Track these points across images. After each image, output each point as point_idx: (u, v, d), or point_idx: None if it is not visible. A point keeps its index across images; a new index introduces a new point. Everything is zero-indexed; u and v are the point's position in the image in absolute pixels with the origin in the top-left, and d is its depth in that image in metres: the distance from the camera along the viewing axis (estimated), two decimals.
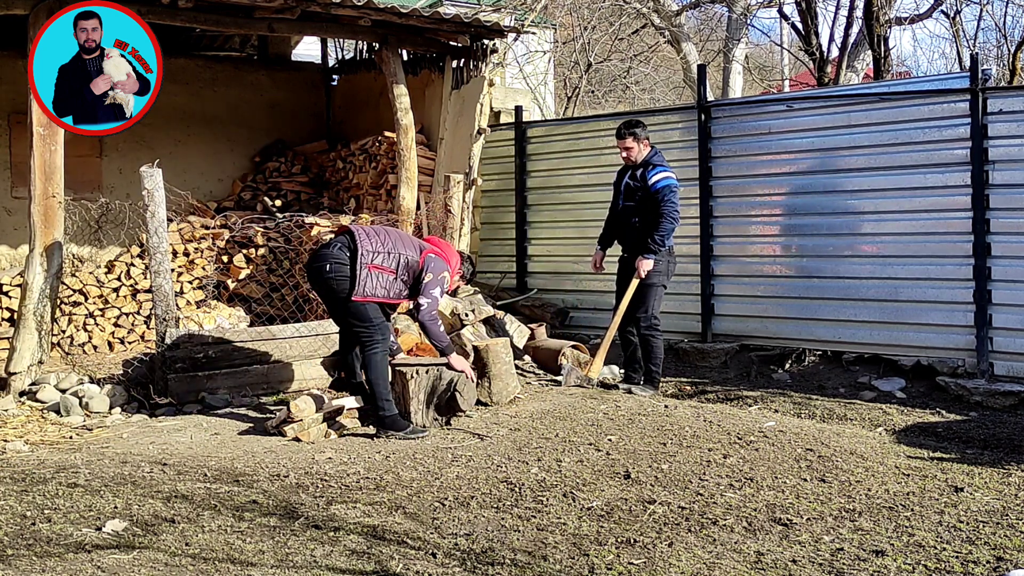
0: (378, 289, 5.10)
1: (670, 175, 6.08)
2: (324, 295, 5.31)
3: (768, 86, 16.95)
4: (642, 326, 6.18)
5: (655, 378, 6.24)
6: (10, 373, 5.95)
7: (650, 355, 6.22)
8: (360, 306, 5.09)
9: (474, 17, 7.71)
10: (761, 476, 4.24)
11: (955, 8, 10.32)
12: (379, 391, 5.08)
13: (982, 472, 4.38)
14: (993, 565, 3.25)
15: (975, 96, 6.09)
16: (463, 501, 3.93)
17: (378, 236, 5.20)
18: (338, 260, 5.08)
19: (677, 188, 6.09)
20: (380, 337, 5.13)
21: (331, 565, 3.22)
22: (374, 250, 5.11)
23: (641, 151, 6.18)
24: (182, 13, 6.68)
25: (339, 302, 5.15)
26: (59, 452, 4.76)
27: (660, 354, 6.25)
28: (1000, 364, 6.06)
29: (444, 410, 5.30)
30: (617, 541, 3.47)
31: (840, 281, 6.76)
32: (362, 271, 5.05)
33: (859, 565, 3.25)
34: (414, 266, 5.20)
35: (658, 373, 6.26)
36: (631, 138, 6.17)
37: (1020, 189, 5.99)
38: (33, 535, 3.47)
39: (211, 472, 4.30)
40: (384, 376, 5.12)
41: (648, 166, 6.14)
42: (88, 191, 8.50)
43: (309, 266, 5.31)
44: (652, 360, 6.22)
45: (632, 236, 6.24)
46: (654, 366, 6.22)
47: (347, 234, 5.22)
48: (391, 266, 5.14)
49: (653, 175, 6.07)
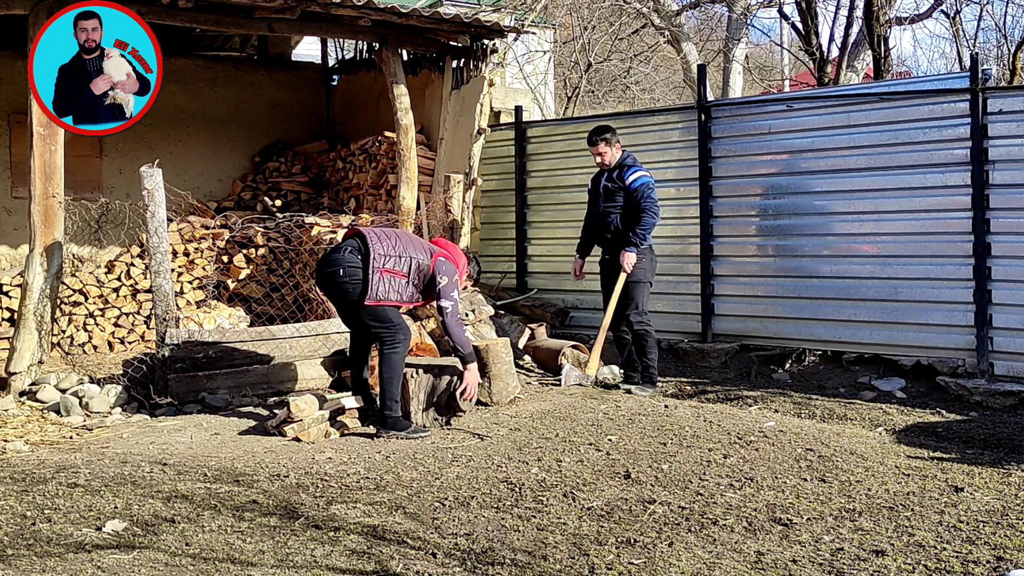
0: (391, 293, 5.07)
1: (645, 174, 6.24)
2: (336, 299, 5.26)
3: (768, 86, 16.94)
4: (634, 323, 6.23)
5: (652, 375, 6.29)
6: (10, 373, 5.95)
7: (644, 351, 6.27)
8: (377, 308, 5.06)
9: (474, 17, 7.72)
10: (761, 476, 4.25)
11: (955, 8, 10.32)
12: (390, 391, 5.05)
13: (982, 472, 4.39)
14: (993, 565, 3.25)
15: (975, 96, 6.09)
16: (463, 501, 3.93)
17: (389, 239, 5.16)
18: (351, 264, 5.04)
19: (654, 185, 6.23)
20: (402, 337, 5.09)
21: (331, 565, 3.22)
22: (386, 254, 5.07)
23: (614, 155, 6.31)
24: (182, 13, 6.68)
25: (352, 306, 5.11)
26: (59, 452, 4.76)
27: (655, 350, 6.31)
28: (1000, 364, 6.06)
29: (444, 410, 5.31)
30: (617, 541, 3.47)
31: (840, 281, 6.76)
32: (375, 275, 5.01)
33: (859, 565, 3.25)
34: (425, 270, 5.18)
35: (654, 370, 6.31)
36: (603, 143, 6.30)
37: (1020, 189, 5.99)
38: (33, 535, 3.47)
39: (211, 472, 4.30)
40: (398, 376, 5.08)
41: (623, 168, 6.28)
42: (88, 191, 8.50)
43: (320, 271, 5.24)
44: (647, 356, 6.27)
45: (614, 237, 6.32)
46: (650, 362, 6.27)
47: (357, 237, 5.17)
48: (403, 270, 5.11)
49: (630, 175, 6.21)
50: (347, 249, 5.14)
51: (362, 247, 5.09)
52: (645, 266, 6.24)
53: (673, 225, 7.55)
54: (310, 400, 5.13)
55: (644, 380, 6.28)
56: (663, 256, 7.56)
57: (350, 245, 5.16)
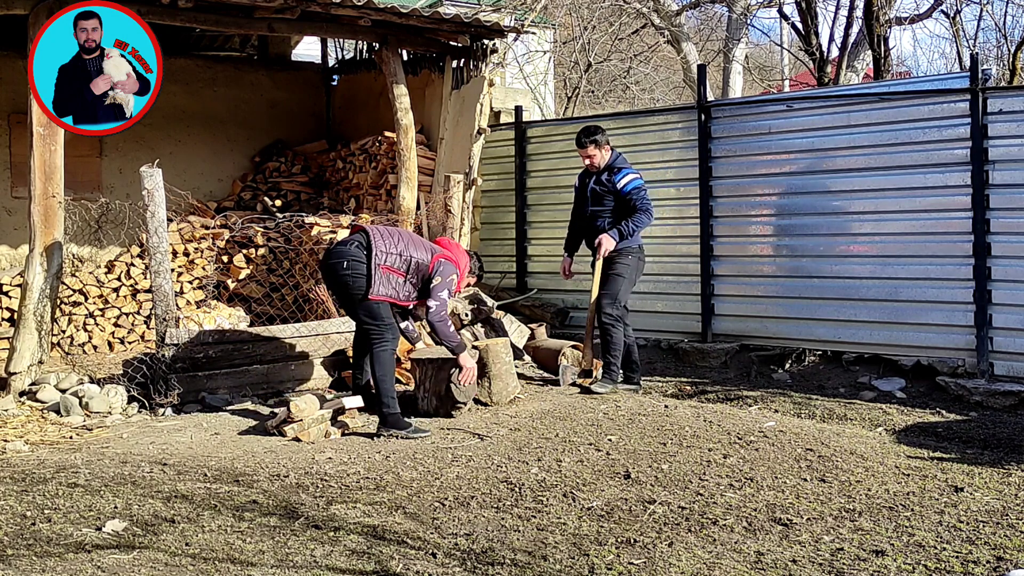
0: (389, 290, 5.20)
1: (636, 176, 6.09)
2: (338, 291, 5.38)
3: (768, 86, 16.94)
4: (604, 313, 5.99)
5: (613, 371, 6.06)
6: (10, 373, 5.95)
7: (608, 346, 6.03)
8: (374, 304, 5.18)
9: (474, 17, 7.72)
10: (761, 476, 4.24)
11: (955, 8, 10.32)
12: (384, 387, 5.14)
13: (982, 472, 4.38)
14: (993, 565, 3.25)
15: (975, 96, 6.09)
16: (463, 501, 3.93)
17: (391, 237, 5.27)
18: (355, 258, 5.15)
19: (645, 186, 6.11)
20: (390, 336, 5.22)
21: (331, 565, 3.22)
22: (387, 251, 5.18)
23: (603, 157, 6.14)
24: (182, 13, 6.68)
25: (352, 299, 5.22)
26: (59, 452, 4.76)
27: (620, 346, 6.03)
28: (1000, 364, 6.06)
29: (445, 401, 5.36)
30: (617, 541, 3.47)
31: (840, 281, 6.76)
32: (376, 271, 5.13)
33: (859, 565, 3.25)
34: (424, 269, 5.28)
35: (616, 365, 6.06)
36: (592, 145, 6.11)
37: (1020, 189, 5.99)
38: (33, 535, 3.47)
39: (211, 472, 4.30)
40: (391, 374, 5.19)
41: (613, 170, 6.10)
42: (88, 191, 8.50)
43: (324, 262, 5.37)
44: (610, 351, 6.03)
45: None
46: (612, 358, 6.03)
47: (363, 233, 5.28)
48: (401, 268, 5.23)
49: (620, 178, 6.05)
50: (353, 243, 5.25)
51: (366, 243, 5.19)
52: (631, 263, 6.09)
53: (673, 225, 7.55)
54: (310, 400, 5.13)
55: (604, 375, 6.09)
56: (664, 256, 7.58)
57: (356, 240, 5.27)
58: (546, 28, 15.93)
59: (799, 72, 18.33)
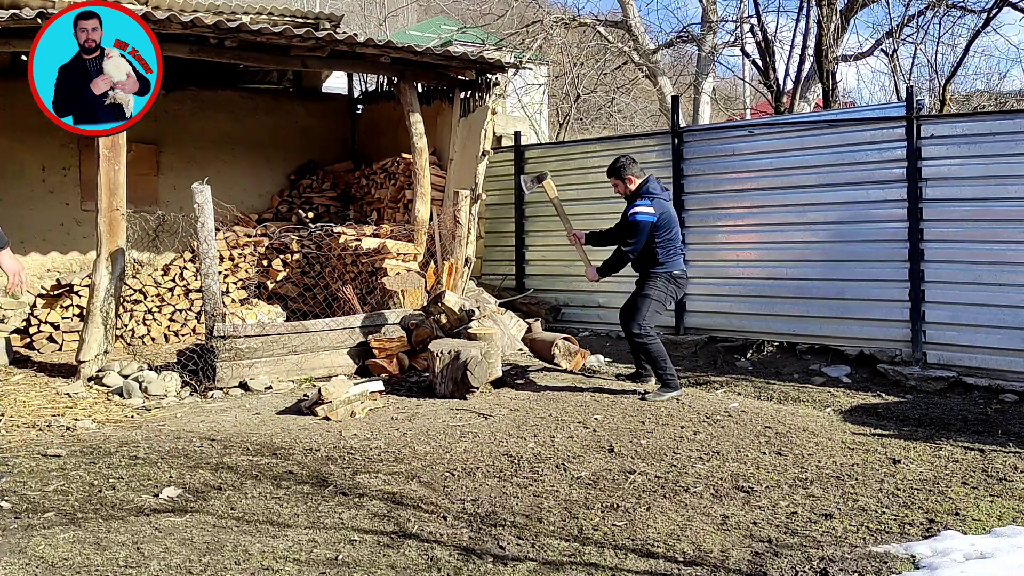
0: None
1: (645, 210, 5.32)
2: None
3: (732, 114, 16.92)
4: (634, 334, 5.41)
5: (668, 380, 5.37)
6: (80, 361, 5.95)
7: (653, 360, 5.43)
8: None
9: (479, 55, 7.72)
10: (726, 450, 4.24)
11: (893, 47, 10.32)
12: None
13: (916, 446, 4.38)
14: (926, 527, 3.25)
15: (910, 123, 6.09)
16: (470, 471, 3.92)
17: None
18: None
19: (647, 223, 5.30)
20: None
21: (357, 526, 3.22)
22: None
23: (627, 187, 5.55)
24: (228, 51, 6.68)
25: None
26: (122, 429, 4.76)
27: (662, 356, 5.40)
28: (932, 353, 6.06)
29: (459, 385, 5.36)
30: (602, 506, 3.47)
31: (794, 282, 6.76)
32: None
33: (811, 526, 3.25)
34: None
35: (668, 374, 5.38)
36: (614, 177, 5.61)
37: (949, 203, 5.99)
38: (100, 500, 3.47)
39: (253, 446, 4.30)
40: None
41: (634, 198, 5.47)
42: (147, 205, 8.49)
43: None
44: (657, 364, 5.41)
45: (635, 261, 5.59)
46: (661, 370, 5.39)
47: None
48: None
49: (632, 208, 5.42)
50: None
51: None
52: (660, 287, 5.41)
53: None
54: (338, 384, 5.12)
55: (663, 386, 5.41)
56: None
57: None
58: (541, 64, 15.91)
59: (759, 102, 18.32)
